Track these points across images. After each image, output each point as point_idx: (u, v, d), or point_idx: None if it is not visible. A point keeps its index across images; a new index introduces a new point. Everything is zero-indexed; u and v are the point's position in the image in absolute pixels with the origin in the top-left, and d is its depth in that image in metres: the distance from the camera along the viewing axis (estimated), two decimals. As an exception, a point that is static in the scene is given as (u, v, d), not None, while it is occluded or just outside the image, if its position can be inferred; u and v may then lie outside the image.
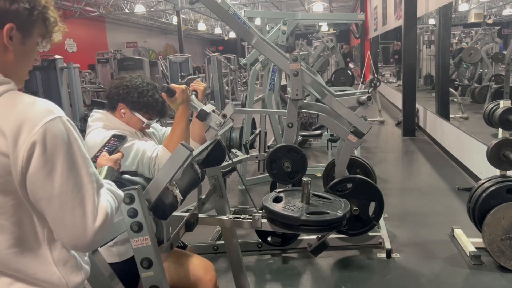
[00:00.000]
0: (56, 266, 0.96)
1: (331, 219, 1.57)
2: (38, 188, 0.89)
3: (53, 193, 0.90)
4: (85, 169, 0.94)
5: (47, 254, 0.96)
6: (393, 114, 8.92)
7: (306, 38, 12.99)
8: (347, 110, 2.66)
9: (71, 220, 0.91)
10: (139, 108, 1.73)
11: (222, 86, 11.12)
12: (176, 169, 1.35)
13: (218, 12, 2.67)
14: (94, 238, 0.93)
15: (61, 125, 0.91)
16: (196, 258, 1.85)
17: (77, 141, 0.93)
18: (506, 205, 2.69)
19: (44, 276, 0.95)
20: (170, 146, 1.57)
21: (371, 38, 14.15)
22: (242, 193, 4.40)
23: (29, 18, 0.93)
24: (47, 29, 0.99)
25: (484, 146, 3.81)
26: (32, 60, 1.01)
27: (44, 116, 0.89)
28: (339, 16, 9.34)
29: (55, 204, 0.90)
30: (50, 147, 0.88)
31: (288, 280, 2.76)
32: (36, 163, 0.87)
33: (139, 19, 18.82)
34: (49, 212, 0.92)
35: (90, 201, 0.93)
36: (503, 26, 15.08)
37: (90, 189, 0.94)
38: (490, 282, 2.61)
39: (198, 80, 1.85)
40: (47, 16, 0.97)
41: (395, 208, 3.79)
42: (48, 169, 0.89)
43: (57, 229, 0.93)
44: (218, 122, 1.54)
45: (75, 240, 0.93)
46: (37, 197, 0.90)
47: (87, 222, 0.92)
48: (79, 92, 6.36)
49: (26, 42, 0.96)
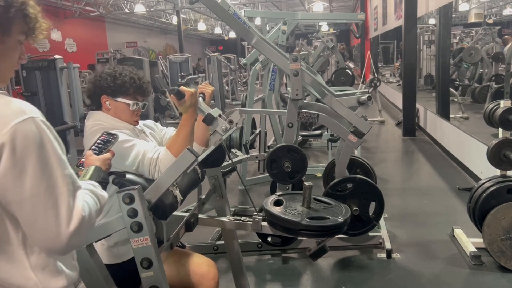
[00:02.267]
0: (33, 271, 0.94)
1: (332, 225, 1.57)
2: (8, 191, 0.87)
3: (23, 195, 0.87)
4: (60, 171, 0.91)
5: (23, 258, 0.93)
6: (393, 114, 8.92)
7: (306, 38, 12.98)
8: (347, 110, 2.66)
9: (43, 223, 0.88)
10: (118, 90, 1.70)
11: (222, 86, 11.14)
12: (180, 173, 1.35)
13: (218, 12, 2.67)
14: (69, 241, 0.90)
15: (33, 125, 0.88)
16: (198, 256, 1.85)
17: (51, 142, 0.91)
18: (507, 205, 2.69)
19: (19, 281, 0.93)
20: (173, 148, 1.57)
21: (371, 38, 14.15)
22: (242, 193, 4.40)
23: (5, 16, 0.91)
24: (28, 26, 0.96)
25: (484, 146, 3.80)
26: (15, 59, 0.98)
27: (15, 116, 0.87)
28: (339, 16, 9.34)
29: (26, 207, 0.88)
30: (19, 149, 0.86)
31: (288, 280, 2.76)
32: (5, 165, 0.85)
33: (139, 19, 18.81)
34: (21, 215, 0.89)
35: (64, 204, 0.90)
36: (503, 26, 15.07)
37: (65, 191, 0.91)
38: (490, 282, 2.60)
39: (206, 83, 1.84)
40: (26, 12, 0.94)
41: (395, 208, 3.79)
42: (18, 171, 0.86)
43: (30, 232, 0.91)
44: (224, 128, 1.53)
45: (49, 243, 0.90)
46: (7, 200, 0.88)
47: (61, 225, 0.89)
48: (79, 92, 6.35)
49: (6, 41, 0.93)
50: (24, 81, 6.03)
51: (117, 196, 1.30)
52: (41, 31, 0.99)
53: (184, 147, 1.52)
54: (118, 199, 1.30)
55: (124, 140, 1.58)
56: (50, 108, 5.72)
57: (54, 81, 5.82)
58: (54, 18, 12.83)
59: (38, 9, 0.98)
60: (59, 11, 13.50)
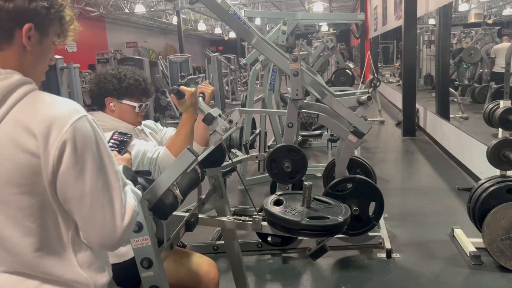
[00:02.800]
0: (81, 268, 0.96)
1: (332, 225, 1.58)
2: (69, 187, 0.89)
3: (84, 191, 0.90)
4: (112, 168, 0.94)
5: (71, 257, 0.96)
6: (393, 114, 8.92)
7: (306, 38, 12.97)
8: (347, 110, 2.66)
9: (101, 219, 0.92)
10: (124, 93, 1.71)
11: (222, 86, 11.14)
12: (180, 173, 1.35)
13: (218, 12, 2.67)
14: (122, 236, 0.94)
15: (87, 123, 0.91)
16: (198, 256, 1.85)
17: (102, 140, 0.94)
18: (506, 205, 2.69)
19: (72, 276, 0.95)
20: (173, 147, 1.57)
21: (371, 38, 14.16)
22: (242, 193, 4.40)
23: (47, 17, 0.92)
24: (63, 28, 0.98)
25: (484, 146, 3.81)
26: (48, 60, 1.00)
27: (72, 115, 0.89)
28: (339, 16, 9.35)
29: (86, 203, 0.90)
30: (80, 146, 0.88)
31: (288, 280, 2.76)
32: (68, 161, 0.87)
33: (139, 19, 18.82)
34: (79, 211, 0.91)
35: (118, 199, 0.94)
36: (503, 26, 15.07)
37: (117, 187, 0.94)
38: (490, 282, 2.61)
39: (206, 83, 1.84)
40: (63, 14, 0.96)
41: (395, 208, 3.79)
42: (79, 167, 0.89)
43: (86, 228, 0.93)
44: (224, 127, 1.54)
45: (104, 239, 0.93)
46: (67, 197, 0.90)
47: (116, 220, 0.93)
48: (79, 92, 6.36)
49: (44, 42, 0.95)
50: (24, 81, 6.02)
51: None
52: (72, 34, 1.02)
53: (184, 146, 1.52)
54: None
55: (124, 140, 1.59)
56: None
57: (54, 81, 5.82)
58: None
59: (73, 12, 1.00)
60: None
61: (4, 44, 0.89)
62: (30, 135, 0.85)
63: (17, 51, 0.91)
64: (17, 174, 0.86)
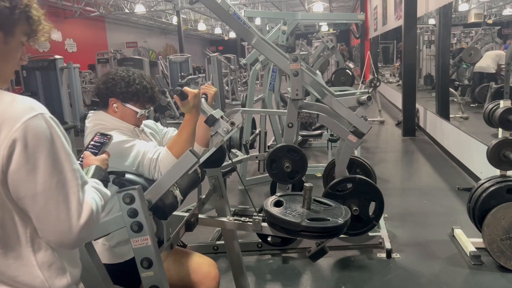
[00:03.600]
0: (39, 269, 0.95)
1: (332, 227, 1.58)
2: (21, 186, 0.89)
3: (36, 190, 0.89)
4: (69, 166, 0.93)
5: (30, 256, 0.95)
6: (393, 114, 8.92)
7: (306, 38, 12.98)
8: (347, 110, 2.66)
9: (55, 217, 0.90)
10: (130, 97, 1.71)
11: (222, 86, 11.14)
12: (181, 174, 1.35)
13: (218, 12, 2.67)
14: (80, 235, 0.92)
15: (42, 121, 0.90)
16: (199, 256, 1.85)
17: (59, 138, 0.93)
18: (506, 205, 2.69)
19: (26, 279, 0.94)
20: (174, 148, 1.57)
21: (371, 38, 14.15)
22: (242, 193, 4.40)
23: (10, 17, 0.92)
24: (31, 28, 0.98)
25: (484, 146, 3.81)
26: (17, 60, 0.99)
27: (25, 113, 0.88)
28: (339, 16, 9.34)
29: (39, 201, 0.90)
30: (31, 144, 0.87)
31: (288, 280, 2.76)
32: (18, 160, 0.87)
33: (139, 19, 18.82)
34: (33, 209, 0.91)
35: (74, 197, 0.92)
36: (503, 26, 15.09)
37: (75, 185, 0.93)
38: (490, 282, 2.61)
39: (209, 84, 1.84)
40: (30, 14, 0.96)
41: (395, 208, 3.79)
42: (31, 166, 0.88)
43: (42, 226, 0.92)
44: (225, 129, 1.54)
45: (60, 237, 0.92)
46: (20, 195, 0.90)
47: (72, 218, 0.91)
48: (79, 92, 6.36)
49: (9, 42, 0.94)
50: (24, 81, 6.04)
51: (117, 196, 1.30)
52: (43, 33, 1.01)
53: (185, 147, 1.52)
54: (118, 199, 1.30)
55: (124, 141, 1.59)
56: (50, 108, 5.63)
57: (54, 81, 5.83)
58: (54, 18, 12.83)
59: (41, 11, 0.99)
60: (59, 11, 13.50)
61: None
62: None
63: None
64: None
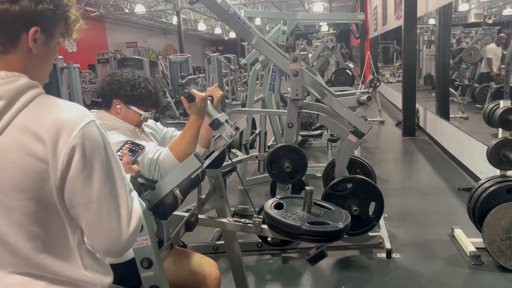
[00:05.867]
0: (86, 271, 0.97)
1: (332, 231, 1.58)
2: (77, 193, 0.88)
3: (91, 198, 0.89)
4: (119, 173, 0.94)
5: (78, 260, 0.95)
6: (393, 114, 8.92)
7: (306, 38, 12.98)
8: (347, 110, 2.66)
9: (107, 225, 0.91)
10: (134, 101, 1.72)
11: (222, 86, 11.14)
12: (184, 178, 1.36)
13: (218, 12, 2.68)
14: (128, 242, 0.94)
15: (95, 128, 0.90)
16: (200, 257, 1.85)
17: (110, 145, 0.93)
18: (506, 205, 2.69)
19: (80, 277, 0.95)
20: (176, 149, 1.57)
21: (371, 38, 14.15)
22: (242, 193, 4.40)
23: (53, 19, 0.91)
24: (68, 28, 0.97)
25: (484, 146, 3.81)
26: (53, 61, 0.99)
27: (81, 120, 0.88)
28: (339, 16, 9.35)
29: (92, 209, 0.90)
30: (89, 151, 0.87)
31: (288, 280, 2.76)
32: (76, 167, 0.87)
33: (139, 19, 18.83)
34: (86, 217, 0.91)
35: (124, 205, 0.93)
36: (503, 26, 15.07)
37: (124, 193, 0.94)
38: (490, 282, 2.61)
39: (216, 86, 1.84)
40: (69, 15, 0.95)
41: (395, 208, 3.79)
42: (87, 173, 0.88)
43: (92, 234, 0.93)
44: (229, 134, 1.54)
45: (109, 245, 0.93)
46: (74, 203, 0.89)
47: (122, 226, 0.92)
48: (79, 92, 6.36)
49: (50, 44, 0.93)
50: (24, 81, 6.02)
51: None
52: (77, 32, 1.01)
53: (187, 149, 1.52)
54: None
55: (125, 141, 1.59)
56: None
57: (54, 81, 5.81)
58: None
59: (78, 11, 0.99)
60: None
61: (9, 47, 0.88)
62: (38, 140, 0.84)
63: (22, 54, 0.90)
64: (24, 180, 0.85)
